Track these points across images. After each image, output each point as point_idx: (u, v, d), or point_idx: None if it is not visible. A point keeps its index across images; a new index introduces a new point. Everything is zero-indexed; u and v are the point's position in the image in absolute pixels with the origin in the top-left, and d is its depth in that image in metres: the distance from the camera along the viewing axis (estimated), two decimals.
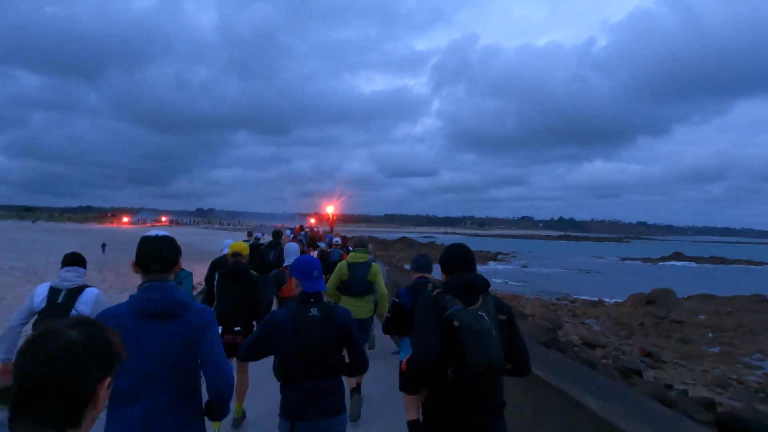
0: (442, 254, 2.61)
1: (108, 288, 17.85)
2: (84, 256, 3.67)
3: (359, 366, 2.78)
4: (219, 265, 5.53)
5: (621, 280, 40.84)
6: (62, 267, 3.54)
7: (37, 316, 3.36)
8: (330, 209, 24.94)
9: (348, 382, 4.45)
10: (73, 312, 3.29)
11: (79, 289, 3.44)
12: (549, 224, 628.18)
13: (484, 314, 2.29)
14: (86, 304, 3.36)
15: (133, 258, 2.16)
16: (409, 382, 2.65)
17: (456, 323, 2.25)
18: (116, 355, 1.10)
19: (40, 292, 3.42)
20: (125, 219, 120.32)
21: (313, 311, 2.62)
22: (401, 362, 2.86)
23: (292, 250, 5.40)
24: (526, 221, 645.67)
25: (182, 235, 73.21)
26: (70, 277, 3.48)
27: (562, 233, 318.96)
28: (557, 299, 28.02)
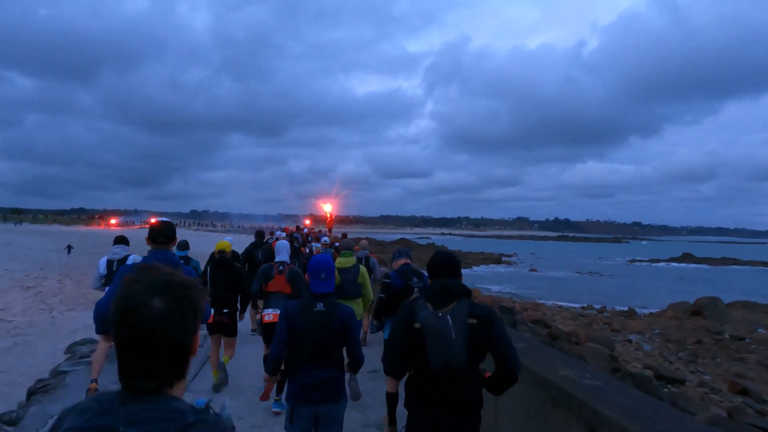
0: (428, 261, 2.83)
1: (58, 303, 14.57)
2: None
3: (354, 361, 3.19)
4: (211, 259, 6.43)
5: (642, 285, 37.88)
6: (113, 245, 5.83)
7: (103, 279, 5.63)
8: (327, 208, 21.78)
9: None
10: None
11: (125, 259, 5.60)
12: (544, 225, 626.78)
13: (449, 317, 2.49)
14: None
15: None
16: (387, 368, 2.80)
17: (417, 325, 2.51)
18: (202, 309, 1.17)
19: (102, 263, 5.69)
20: (113, 221, 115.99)
21: (319, 306, 3.02)
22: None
23: (283, 247, 5.55)
24: (521, 222, 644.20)
25: None
26: (119, 251, 5.72)
27: (559, 234, 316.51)
28: (583, 308, 24.97)
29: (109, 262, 5.66)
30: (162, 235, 3.57)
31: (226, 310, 5.75)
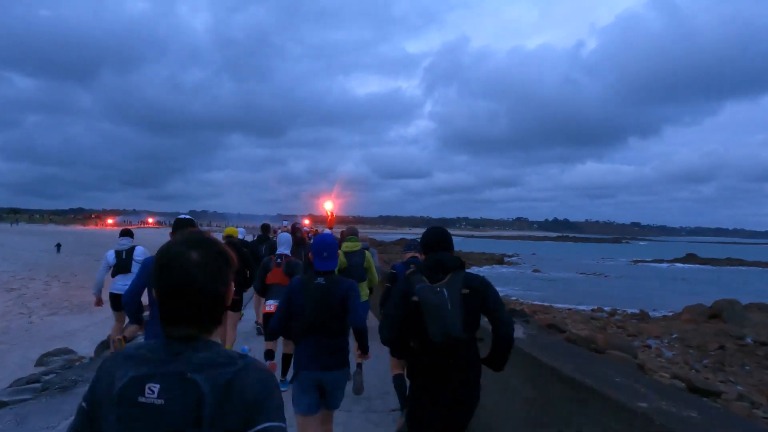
0: (422, 236, 2.94)
1: (39, 307, 13.60)
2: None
3: (356, 331, 3.27)
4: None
5: (649, 286, 36.96)
6: (120, 237, 6.70)
7: (112, 269, 6.48)
8: (328, 206, 20.82)
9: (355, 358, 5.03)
10: (133, 264, 6.38)
11: (131, 249, 6.52)
12: (543, 225, 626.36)
13: (444, 289, 2.56)
14: (138, 256, 6.35)
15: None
16: (385, 343, 2.84)
17: (416, 298, 2.58)
18: (234, 263, 1.28)
19: (111, 254, 6.52)
20: (110, 221, 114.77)
21: (320, 280, 3.18)
22: None
23: (284, 240, 5.71)
24: (520, 222, 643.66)
25: (165, 237, 69.03)
26: (125, 242, 6.59)
27: (558, 234, 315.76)
28: (593, 311, 24.04)
29: (117, 253, 6.53)
30: (185, 226, 4.46)
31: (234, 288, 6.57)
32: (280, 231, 10.04)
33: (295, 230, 10.50)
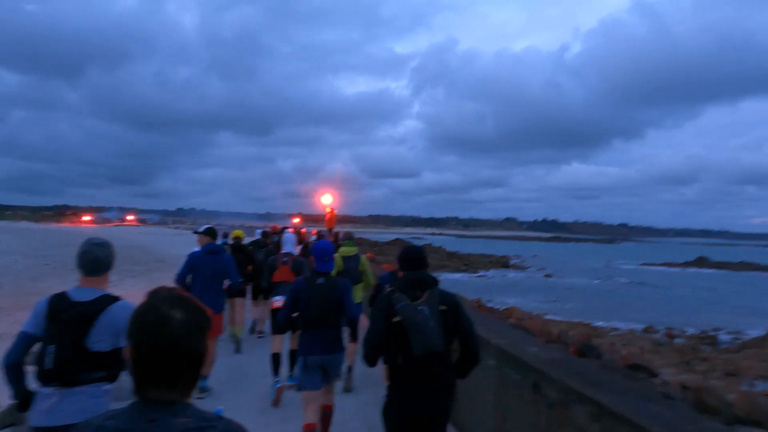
0: (398, 254, 3.13)
1: None
2: None
3: (350, 321, 4.10)
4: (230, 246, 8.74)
5: (680, 296, 32.98)
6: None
7: None
8: (327, 200, 16.39)
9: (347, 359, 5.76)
10: None
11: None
12: (533, 225, 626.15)
13: (425, 307, 2.77)
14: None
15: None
16: (366, 359, 3.00)
17: (397, 318, 2.76)
18: (210, 322, 1.24)
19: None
20: (86, 218, 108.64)
21: (320, 280, 3.97)
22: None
23: (289, 240, 6.28)
24: (510, 222, 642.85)
25: (144, 235, 63.54)
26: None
27: (551, 235, 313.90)
28: (646, 331, 19.90)
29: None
30: (214, 235, 6.18)
31: (240, 280, 6.70)
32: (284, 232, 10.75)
33: (320, 237, 10.43)
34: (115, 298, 2.57)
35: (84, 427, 1.13)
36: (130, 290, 16.90)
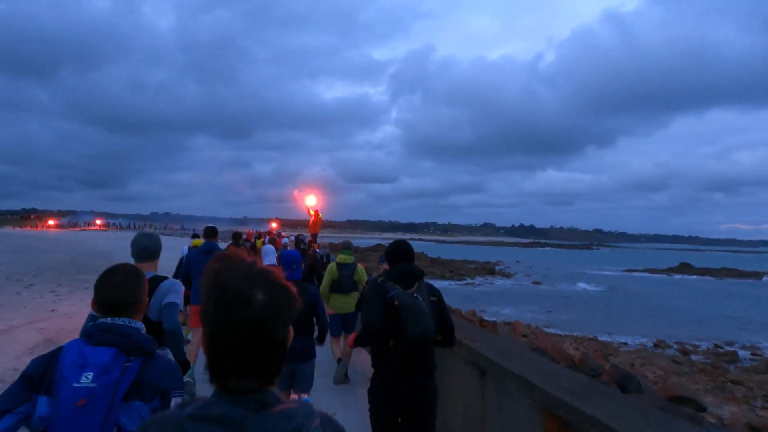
0: (387, 249, 3.34)
1: None
2: None
3: (321, 329, 4.21)
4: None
5: (677, 305, 31.77)
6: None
7: None
8: (311, 201, 14.29)
9: (333, 352, 6.38)
10: None
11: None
12: (510, 231, 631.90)
13: (419, 296, 3.01)
14: None
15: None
16: (359, 343, 3.26)
17: (397, 302, 2.95)
18: (297, 300, 1.07)
19: None
20: (51, 222, 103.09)
21: None
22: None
23: (270, 251, 6.25)
24: (488, 228, 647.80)
25: (111, 241, 60.25)
26: None
27: (530, 240, 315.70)
28: (657, 346, 18.30)
29: None
30: (212, 235, 6.53)
31: None
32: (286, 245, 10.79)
33: (299, 242, 10.19)
34: (164, 278, 3.24)
35: (192, 414, 0.96)
36: (77, 305, 14.49)
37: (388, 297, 2.95)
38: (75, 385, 1.54)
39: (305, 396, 4.14)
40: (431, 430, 3.14)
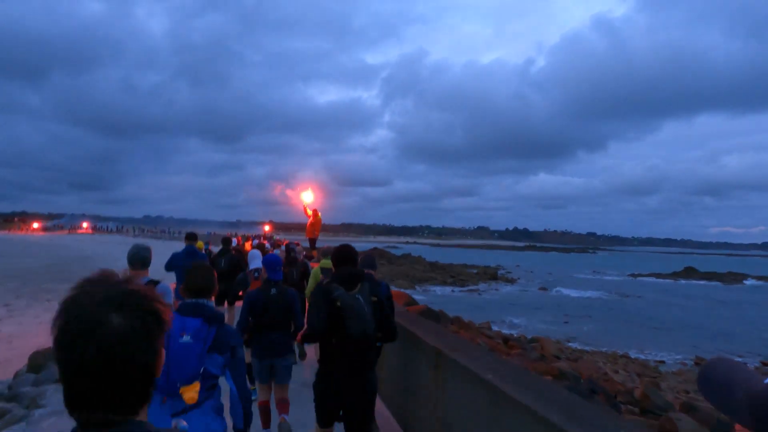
0: (333, 252, 3.67)
1: None
2: None
3: (296, 327, 4.44)
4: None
5: (697, 314, 29.84)
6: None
7: None
8: (307, 198, 12.21)
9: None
10: None
11: None
12: (504, 234, 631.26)
13: (360, 296, 3.30)
14: None
15: None
16: (305, 341, 3.54)
17: (339, 303, 3.23)
18: (168, 322, 0.98)
19: None
20: (35, 225, 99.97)
21: (273, 291, 4.45)
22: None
23: (256, 255, 6.16)
24: (482, 231, 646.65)
25: (97, 244, 57.65)
26: None
27: (525, 244, 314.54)
28: (696, 363, 16.29)
29: None
30: (194, 239, 7.57)
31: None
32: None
33: (289, 250, 9.38)
34: (157, 282, 3.44)
35: None
36: (26, 325, 12.20)
37: (332, 297, 3.26)
38: (180, 341, 2.42)
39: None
40: (369, 420, 3.49)
